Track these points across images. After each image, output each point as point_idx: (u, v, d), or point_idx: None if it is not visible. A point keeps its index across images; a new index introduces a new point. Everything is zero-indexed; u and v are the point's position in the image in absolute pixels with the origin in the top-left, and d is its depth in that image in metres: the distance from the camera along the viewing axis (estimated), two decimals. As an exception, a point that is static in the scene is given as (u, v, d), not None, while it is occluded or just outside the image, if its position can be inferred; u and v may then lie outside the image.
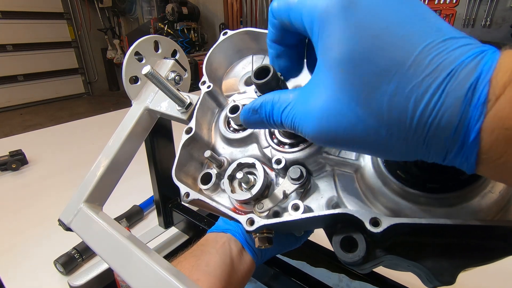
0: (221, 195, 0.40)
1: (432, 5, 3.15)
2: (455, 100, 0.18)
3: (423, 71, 0.19)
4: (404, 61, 0.19)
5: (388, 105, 0.20)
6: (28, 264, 0.71)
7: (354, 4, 0.21)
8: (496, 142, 0.17)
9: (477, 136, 0.18)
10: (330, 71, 0.22)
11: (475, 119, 0.18)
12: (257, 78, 0.28)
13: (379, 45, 0.20)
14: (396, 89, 0.19)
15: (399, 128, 0.20)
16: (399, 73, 0.19)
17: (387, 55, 0.20)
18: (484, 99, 0.17)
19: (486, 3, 2.89)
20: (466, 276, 0.27)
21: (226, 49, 0.47)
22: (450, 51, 0.18)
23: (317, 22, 0.23)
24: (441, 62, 0.18)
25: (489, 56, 0.18)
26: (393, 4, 0.21)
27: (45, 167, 1.17)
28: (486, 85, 0.17)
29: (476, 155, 0.18)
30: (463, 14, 3.03)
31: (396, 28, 0.20)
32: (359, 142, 0.22)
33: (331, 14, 0.22)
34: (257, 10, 4.29)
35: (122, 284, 0.61)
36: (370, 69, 0.20)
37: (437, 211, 0.27)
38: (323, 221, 0.31)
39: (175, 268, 0.38)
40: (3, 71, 4.54)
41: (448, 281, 0.25)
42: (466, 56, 0.18)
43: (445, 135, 0.19)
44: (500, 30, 2.90)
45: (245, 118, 0.30)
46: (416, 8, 0.21)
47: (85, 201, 0.48)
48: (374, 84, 0.20)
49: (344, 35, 0.21)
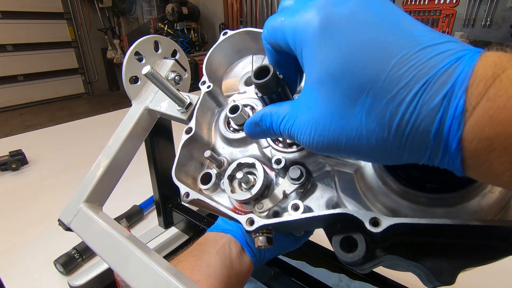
0: (221, 195, 0.40)
1: (432, 5, 3.15)
2: (429, 111, 0.18)
3: (397, 84, 0.19)
4: (379, 76, 0.20)
5: (366, 118, 0.21)
6: (28, 264, 0.71)
7: (330, 24, 0.22)
8: (476, 152, 0.17)
9: (458, 145, 0.18)
10: (313, 89, 0.23)
11: (454, 128, 0.18)
12: (257, 78, 0.28)
13: (354, 62, 0.21)
14: (373, 103, 0.20)
15: (377, 139, 0.21)
16: (374, 88, 0.20)
17: (362, 71, 0.20)
18: (461, 109, 0.17)
19: (486, 3, 2.89)
20: (466, 276, 0.27)
21: (226, 49, 0.47)
22: (425, 61, 0.18)
23: (298, 44, 0.24)
24: (415, 74, 0.18)
25: (465, 62, 0.18)
26: (367, 18, 0.21)
27: (45, 167, 1.17)
28: (463, 95, 0.17)
29: (460, 161, 0.18)
30: (463, 14, 3.03)
31: (370, 43, 0.20)
32: (347, 151, 0.23)
33: (309, 36, 0.23)
34: (257, 10, 4.29)
35: (122, 284, 0.61)
36: (348, 86, 0.21)
37: (437, 211, 0.27)
38: (323, 221, 0.31)
39: (175, 268, 0.38)
40: (3, 71, 4.54)
41: (448, 281, 0.25)
42: (441, 65, 0.18)
43: (424, 144, 0.19)
44: (500, 30, 2.90)
45: (249, 131, 0.32)
46: (391, 18, 0.21)
47: (85, 201, 0.48)
48: (352, 99, 0.21)
49: (321, 55, 0.22)
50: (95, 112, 2.17)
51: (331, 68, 0.22)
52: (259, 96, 0.30)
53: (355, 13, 0.21)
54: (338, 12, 0.22)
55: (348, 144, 0.22)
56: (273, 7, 4.22)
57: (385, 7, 0.21)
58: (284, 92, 0.29)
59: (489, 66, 0.17)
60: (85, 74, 5.61)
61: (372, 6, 0.21)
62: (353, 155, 0.23)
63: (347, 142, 0.22)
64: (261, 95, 0.29)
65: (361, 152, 0.23)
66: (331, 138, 0.23)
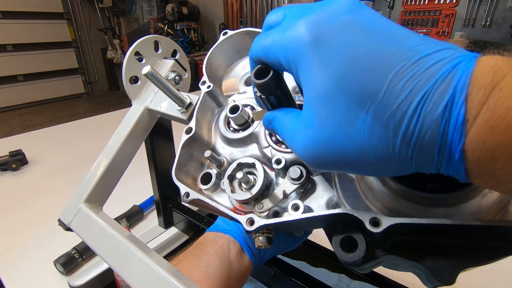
0: (221, 195, 0.40)
1: (432, 5, 3.15)
2: (432, 123, 0.18)
3: (397, 98, 0.19)
4: (378, 91, 0.19)
5: (369, 134, 0.20)
6: (28, 264, 0.71)
7: (322, 41, 0.21)
8: (479, 162, 0.17)
9: (461, 156, 0.18)
10: (312, 107, 0.23)
11: (456, 139, 0.17)
12: (257, 78, 0.28)
13: (350, 79, 0.20)
14: (374, 120, 0.20)
15: (382, 153, 0.20)
16: (374, 104, 0.19)
17: (360, 87, 0.20)
18: (462, 120, 0.17)
19: (486, 3, 2.89)
20: (466, 276, 0.27)
21: (226, 49, 0.47)
22: (422, 72, 0.18)
23: (292, 63, 0.23)
24: (414, 86, 0.18)
25: (462, 69, 0.17)
26: (360, 33, 0.20)
27: (45, 167, 1.17)
28: (463, 104, 0.17)
29: (464, 171, 0.18)
30: (463, 14, 3.03)
31: (364, 59, 0.20)
32: (350, 168, 0.23)
33: (302, 54, 0.22)
34: (257, 10, 4.29)
35: (122, 284, 0.61)
36: (346, 104, 0.21)
37: (437, 211, 0.27)
38: (323, 221, 0.31)
39: (175, 268, 0.38)
40: (3, 71, 4.53)
41: (448, 281, 0.25)
42: (439, 74, 0.18)
43: (430, 155, 0.19)
44: (500, 30, 2.90)
45: (264, 124, 0.32)
46: (384, 30, 0.20)
47: (85, 201, 0.48)
48: (352, 117, 0.21)
49: (316, 73, 0.22)
50: (95, 112, 2.17)
51: (327, 86, 0.21)
52: (259, 96, 0.30)
53: (348, 28, 0.21)
54: (330, 28, 0.21)
55: (351, 162, 0.22)
56: (273, 7, 4.22)
57: (377, 20, 0.21)
58: (284, 92, 0.29)
59: (487, 72, 0.17)
60: (85, 74, 5.60)
61: (364, 20, 0.21)
62: (355, 171, 0.23)
63: (350, 161, 0.22)
64: (260, 95, 0.29)
65: (364, 169, 0.22)
66: (332, 157, 0.22)
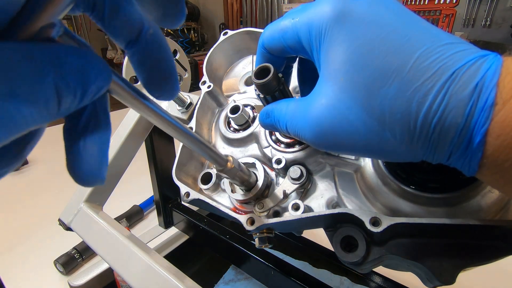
0: (221, 195, 0.40)
1: (432, 5, 3.15)
2: (459, 101, 0.18)
3: (423, 75, 0.19)
4: (403, 66, 0.19)
5: (390, 108, 0.20)
6: (28, 264, 0.71)
7: (346, 15, 0.21)
8: (500, 148, 0.17)
9: (482, 140, 0.17)
10: (329, 81, 0.22)
11: (481, 122, 0.17)
12: (257, 78, 0.28)
13: (376, 52, 0.20)
14: (397, 93, 0.20)
15: (402, 130, 0.20)
16: (398, 78, 0.19)
17: (385, 60, 0.20)
18: (491, 102, 0.17)
19: (486, 3, 2.90)
20: (466, 276, 0.27)
21: (226, 49, 0.47)
22: (449, 55, 0.18)
23: (315, 38, 0.23)
24: (441, 66, 0.18)
25: (491, 60, 0.18)
26: (386, 13, 0.21)
27: (45, 167, 1.17)
28: (494, 87, 0.17)
29: (479, 158, 0.18)
30: (463, 14, 3.03)
31: (391, 34, 0.20)
32: (362, 146, 0.22)
33: (328, 28, 0.22)
34: (257, 10, 4.29)
35: (122, 284, 0.61)
36: (369, 75, 0.20)
37: (437, 210, 0.27)
38: (323, 221, 0.31)
39: (175, 267, 0.38)
40: (3, 71, 4.54)
41: (448, 281, 0.25)
42: (467, 59, 0.18)
43: (450, 136, 0.19)
44: (500, 30, 2.90)
45: (261, 120, 0.31)
46: (408, 16, 0.21)
47: (85, 201, 0.49)
48: (374, 88, 0.20)
49: (343, 45, 0.22)
50: (95, 112, 2.16)
51: (353, 57, 0.21)
52: (259, 95, 0.30)
53: (374, 6, 0.21)
54: (356, 5, 0.22)
55: (365, 138, 0.21)
56: (273, 7, 4.22)
57: (400, 7, 0.22)
58: (284, 91, 0.29)
59: None
60: (85, 74, 5.61)
61: (388, 4, 0.22)
62: (368, 151, 0.22)
63: (365, 136, 0.21)
64: (261, 95, 0.29)
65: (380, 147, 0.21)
66: (346, 131, 0.22)
